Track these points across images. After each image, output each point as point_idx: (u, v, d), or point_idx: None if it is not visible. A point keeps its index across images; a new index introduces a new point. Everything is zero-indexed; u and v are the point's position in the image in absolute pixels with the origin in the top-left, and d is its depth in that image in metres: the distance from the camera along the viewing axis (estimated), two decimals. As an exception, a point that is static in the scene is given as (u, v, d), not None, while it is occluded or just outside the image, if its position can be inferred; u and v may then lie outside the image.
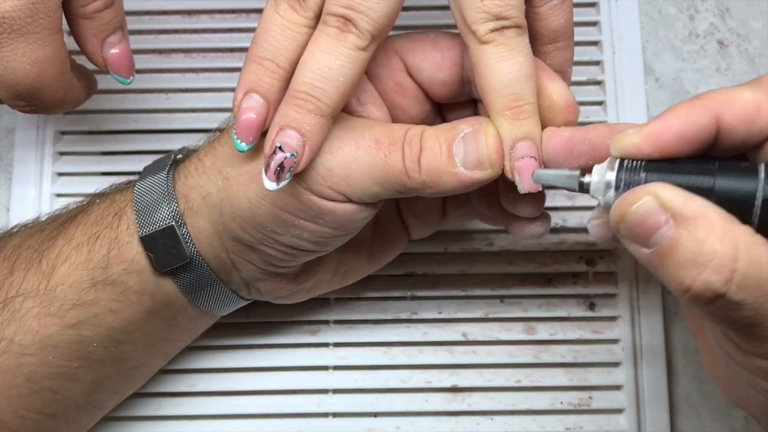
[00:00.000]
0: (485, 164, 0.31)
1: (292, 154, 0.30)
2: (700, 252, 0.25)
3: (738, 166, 0.27)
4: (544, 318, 0.43)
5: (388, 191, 0.32)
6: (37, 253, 0.35)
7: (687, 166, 0.28)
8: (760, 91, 0.28)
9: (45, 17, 0.32)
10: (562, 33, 0.34)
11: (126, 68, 0.37)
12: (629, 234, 0.27)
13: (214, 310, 0.37)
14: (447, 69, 0.34)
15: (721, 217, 0.26)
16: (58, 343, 0.34)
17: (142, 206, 0.34)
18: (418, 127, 0.32)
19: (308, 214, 0.32)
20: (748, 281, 0.25)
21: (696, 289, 0.26)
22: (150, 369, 0.39)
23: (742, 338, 0.27)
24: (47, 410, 0.35)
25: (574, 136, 0.31)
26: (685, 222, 0.26)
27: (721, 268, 0.25)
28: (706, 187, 0.27)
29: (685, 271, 0.26)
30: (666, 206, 0.26)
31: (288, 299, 0.38)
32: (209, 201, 0.34)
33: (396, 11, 0.31)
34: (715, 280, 0.25)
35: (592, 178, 0.29)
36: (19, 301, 0.34)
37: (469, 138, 0.31)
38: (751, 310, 0.26)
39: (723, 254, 0.25)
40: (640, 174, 0.28)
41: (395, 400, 0.42)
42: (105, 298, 0.34)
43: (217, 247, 0.34)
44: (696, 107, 0.28)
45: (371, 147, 0.31)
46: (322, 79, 0.30)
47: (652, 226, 0.26)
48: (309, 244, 0.33)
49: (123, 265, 0.34)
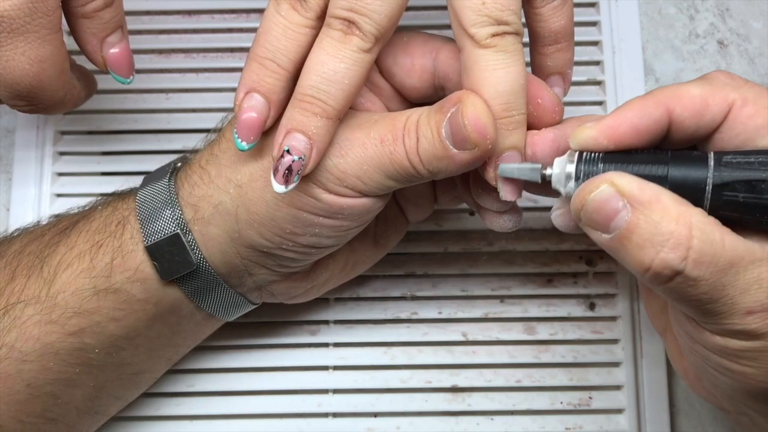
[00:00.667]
0: (469, 144, 0.30)
1: (300, 157, 0.30)
2: (656, 232, 0.27)
3: (689, 155, 0.29)
4: (544, 318, 0.43)
5: (403, 182, 0.32)
6: (39, 260, 0.35)
7: (642, 156, 0.30)
8: (707, 86, 0.30)
9: (44, 16, 0.32)
10: (563, 34, 0.34)
11: (126, 68, 0.37)
12: (589, 221, 0.29)
13: (222, 314, 0.37)
14: (417, 75, 0.34)
15: (674, 200, 0.28)
16: (59, 351, 0.34)
17: (145, 215, 0.34)
18: (416, 113, 0.32)
19: (327, 212, 0.32)
20: (703, 257, 0.27)
21: (655, 267, 0.27)
22: (152, 374, 0.39)
23: (700, 315, 0.29)
24: (48, 415, 0.35)
25: (557, 135, 0.32)
26: (641, 206, 0.28)
27: (677, 246, 0.27)
28: (661, 175, 0.29)
29: (644, 251, 0.27)
30: (622, 192, 0.28)
31: (302, 297, 0.38)
32: (222, 210, 0.33)
33: (399, 13, 0.31)
34: (673, 257, 0.27)
35: (553, 170, 0.31)
36: (20, 308, 0.34)
37: (452, 119, 0.31)
38: (708, 286, 0.27)
39: (678, 233, 0.27)
40: (598, 165, 0.30)
41: (395, 400, 0.42)
42: (107, 306, 0.34)
43: (231, 254, 0.34)
44: (649, 101, 0.30)
45: (377, 147, 0.32)
46: (328, 82, 0.30)
47: (610, 211, 0.28)
48: (328, 240, 0.34)
49: (127, 273, 0.34)
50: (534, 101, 0.32)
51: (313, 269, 0.37)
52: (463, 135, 0.30)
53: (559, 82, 0.36)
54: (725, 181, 0.28)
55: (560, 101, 0.33)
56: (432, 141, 0.31)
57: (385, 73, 0.34)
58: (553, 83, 0.36)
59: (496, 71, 0.30)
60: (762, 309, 0.27)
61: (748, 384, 0.30)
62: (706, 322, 0.29)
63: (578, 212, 0.29)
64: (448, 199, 0.38)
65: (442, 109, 0.31)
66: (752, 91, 0.30)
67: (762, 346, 0.28)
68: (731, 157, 0.28)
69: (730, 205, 0.28)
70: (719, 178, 0.28)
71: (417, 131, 0.31)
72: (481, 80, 0.30)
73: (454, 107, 0.31)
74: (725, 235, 0.27)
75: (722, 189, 0.28)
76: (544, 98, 0.32)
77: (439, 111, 0.31)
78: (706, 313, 0.28)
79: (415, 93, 0.34)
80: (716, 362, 0.30)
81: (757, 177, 0.28)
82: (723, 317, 0.28)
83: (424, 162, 0.31)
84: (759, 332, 0.28)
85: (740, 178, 0.28)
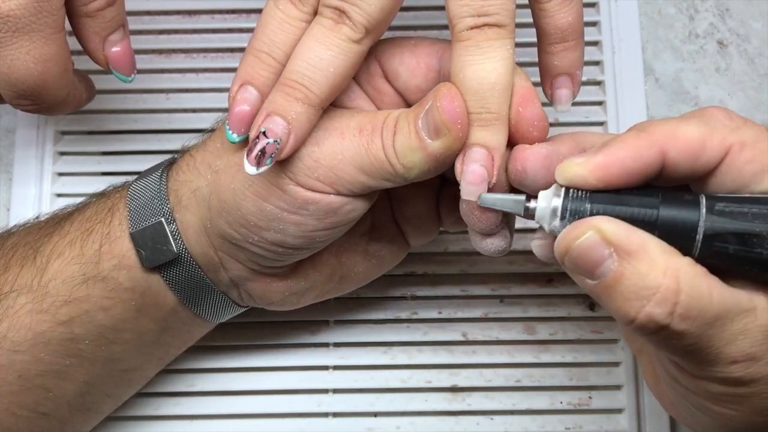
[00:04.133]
0: (442, 130, 0.30)
1: (276, 141, 0.30)
2: (643, 285, 0.26)
3: (681, 198, 0.28)
4: (544, 318, 0.43)
5: (376, 180, 0.31)
6: (33, 250, 0.35)
7: (631, 198, 0.28)
8: (703, 127, 0.28)
9: (49, 15, 0.32)
10: (571, 32, 0.33)
11: (127, 66, 0.37)
12: (574, 266, 0.28)
13: (206, 314, 0.37)
14: (422, 74, 0.33)
15: (662, 250, 0.27)
16: (50, 340, 0.34)
17: (135, 204, 0.34)
18: (397, 111, 0.32)
19: (292, 206, 0.32)
20: (690, 312, 0.26)
21: (640, 320, 0.26)
22: (143, 373, 0.39)
23: (686, 363, 0.28)
24: (39, 408, 0.35)
25: (549, 152, 0.30)
26: (628, 256, 0.27)
27: (664, 302, 0.26)
28: (650, 219, 0.28)
29: (629, 303, 0.27)
30: (609, 240, 0.27)
31: (280, 305, 0.37)
32: (198, 195, 0.34)
33: (392, 7, 0.31)
34: (659, 312, 0.26)
35: (537, 203, 0.29)
36: (13, 297, 0.34)
37: (429, 109, 0.30)
38: (694, 338, 0.27)
39: (666, 288, 0.26)
40: (585, 204, 0.28)
41: (395, 400, 0.42)
42: (96, 295, 0.34)
43: (205, 244, 0.34)
44: (643, 142, 0.28)
45: (355, 136, 0.31)
46: (313, 68, 0.30)
47: (596, 259, 0.27)
48: (293, 240, 0.33)
49: (114, 260, 0.34)
50: (515, 109, 0.31)
51: (291, 275, 0.36)
52: (436, 121, 0.30)
53: (568, 84, 0.35)
54: (717, 232, 0.27)
55: (545, 118, 0.31)
56: (408, 133, 0.31)
57: (390, 75, 0.34)
58: (561, 84, 0.35)
59: (468, 66, 0.30)
60: (746, 358, 0.27)
61: (727, 424, 0.29)
62: (693, 369, 0.28)
63: (562, 257, 0.28)
64: (452, 221, 0.37)
65: (422, 102, 0.31)
66: (750, 134, 0.28)
67: (744, 392, 0.28)
68: (724, 205, 0.27)
69: (719, 255, 0.27)
70: (711, 229, 0.27)
71: (396, 126, 0.31)
72: (454, 73, 0.30)
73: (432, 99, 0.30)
74: (713, 288, 0.27)
75: (713, 239, 0.27)
76: (526, 109, 0.31)
77: (418, 105, 0.31)
78: (690, 361, 0.28)
79: (419, 94, 0.34)
80: (697, 402, 0.30)
81: (750, 230, 0.27)
82: (707, 365, 0.28)
83: (398, 154, 0.31)
84: (743, 380, 0.27)
85: (732, 229, 0.27)
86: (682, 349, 0.27)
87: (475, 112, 0.30)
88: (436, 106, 0.30)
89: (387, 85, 0.34)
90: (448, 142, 0.30)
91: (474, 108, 0.30)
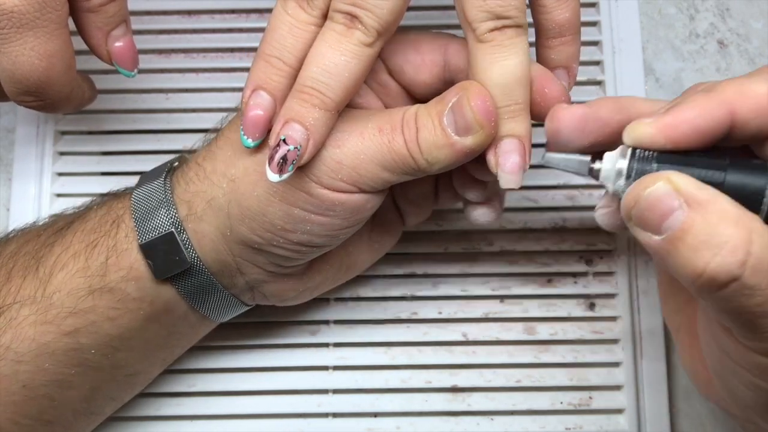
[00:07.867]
0: (474, 127, 0.31)
1: (296, 147, 0.30)
2: (714, 234, 0.25)
3: (748, 162, 0.28)
4: (544, 318, 0.43)
5: (398, 175, 0.32)
6: (34, 260, 0.35)
7: (699, 160, 0.28)
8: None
9: (53, 11, 0.32)
10: (568, 27, 0.34)
11: (130, 61, 0.37)
12: (641, 220, 0.27)
13: (215, 316, 0.37)
14: (427, 70, 0.34)
15: (733, 204, 0.26)
16: (54, 351, 0.34)
17: (140, 213, 0.34)
18: (413, 107, 0.32)
19: (319, 208, 0.32)
20: (763, 264, 0.25)
21: (710, 272, 0.25)
22: (147, 375, 0.39)
23: (745, 330, 0.27)
24: (43, 417, 0.35)
25: (586, 113, 0.31)
26: (698, 206, 0.26)
27: (736, 251, 0.25)
28: (717, 182, 0.28)
29: (698, 254, 0.25)
30: (680, 191, 0.26)
31: (294, 300, 0.38)
32: (214, 205, 0.34)
33: (402, 8, 0.31)
34: (731, 261, 0.25)
35: (603, 165, 0.30)
36: (16, 309, 0.34)
37: (456, 106, 0.31)
38: (763, 297, 0.25)
39: (738, 237, 0.25)
40: (652, 164, 0.28)
41: (395, 400, 0.42)
42: (103, 306, 0.34)
43: (223, 251, 0.34)
44: (711, 101, 0.28)
45: (375, 135, 0.32)
46: (327, 74, 0.30)
47: (665, 210, 0.26)
48: (319, 239, 0.34)
49: (121, 272, 0.34)
50: (541, 91, 0.32)
51: (306, 272, 0.37)
52: (468, 120, 0.31)
53: (564, 77, 0.36)
54: None
55: (567, 91, 0.33)
56: (432, 130, 0.31)
57: (394, 71, 0.34)
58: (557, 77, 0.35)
59: (494, 64, 0.31)
60: None
61: None
62: (748, 338, 0.27)
63: (629, 210, 0.28)
64: (448, 196, 0.38)
65: (444, 99, 0.32)
66: None
67: None
68: None
69: None
70: None
71: (416, 122, 0.32)
72: (480, 73, 0.31)
73: (455, 97, 0.31)
74: None
75: None
76: (551, 88, 0.32)
77: (440, 101, 0.32)
78: (753, 328, 0.26)
79: (424, 89, 0.35)
80: (746, 378, 0.29)
81: None
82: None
83: (423, 151, 0.31)
84: None
85: None
86: (750, 311, 0.26)
87: (504, 105, 0.31)
88: (469, 105, 0.31)
89: (391, 81, 0.35)
90: (480, 138, 0.31)
91: (503, 102, 0.31)
